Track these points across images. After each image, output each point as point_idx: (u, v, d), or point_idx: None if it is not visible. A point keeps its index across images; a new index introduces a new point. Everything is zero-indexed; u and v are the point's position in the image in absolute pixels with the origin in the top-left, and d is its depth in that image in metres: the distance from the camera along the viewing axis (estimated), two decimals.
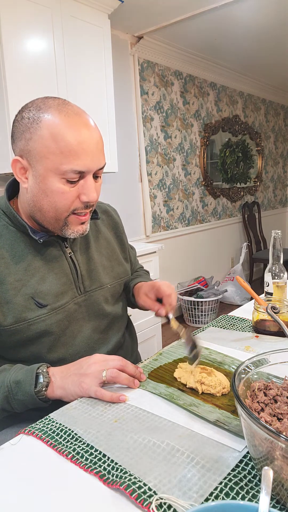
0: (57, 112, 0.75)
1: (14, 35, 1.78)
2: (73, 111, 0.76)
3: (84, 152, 0.75)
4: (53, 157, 0.74)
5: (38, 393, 0.73)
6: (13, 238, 0.84)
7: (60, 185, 0.77)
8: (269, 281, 1.14)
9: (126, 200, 2.99)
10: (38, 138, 0.74)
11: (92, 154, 0.76)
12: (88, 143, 0.75)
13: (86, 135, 0.75)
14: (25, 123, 0.76)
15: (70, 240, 0.92)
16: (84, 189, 0.79)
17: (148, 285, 1.01)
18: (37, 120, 0.74)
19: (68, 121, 0.74)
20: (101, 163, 0.80)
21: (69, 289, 0.89)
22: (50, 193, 0.78)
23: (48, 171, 0.76)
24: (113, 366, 0.75)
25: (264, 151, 4.79)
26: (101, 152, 0.79)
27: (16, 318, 0.81)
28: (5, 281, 0.81)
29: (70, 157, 0.74)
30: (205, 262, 3.99)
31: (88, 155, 0.76)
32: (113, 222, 1.07)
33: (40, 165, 0.76)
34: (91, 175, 0.79)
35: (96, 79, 2.21)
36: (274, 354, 0.64)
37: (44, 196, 0.78)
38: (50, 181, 0.76)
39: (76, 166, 0.75)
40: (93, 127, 0.78)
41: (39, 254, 0.86)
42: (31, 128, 0.75)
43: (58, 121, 0.74)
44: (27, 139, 0.75)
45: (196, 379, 0.74)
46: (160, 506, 0.48)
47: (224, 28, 2.83)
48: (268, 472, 0.41)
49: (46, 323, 0.84)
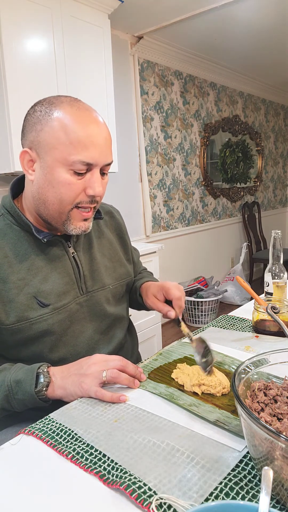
0: (69, 106, 0.77)
1: (14, 35, 1.78)
2: (84, 107, 0.79)
3: (93, 144, 0.77)
4: (62, 148, 0.76)
5: (38, 393, 0.73)
6: (16, 237, 0.85)
7: (67, 176, 0.78)
8: (269, 281, 1.14)
9: (126, 200, 2.99)
10: (49, 129, 0.76)
11: (101, 148, 0.78)
12: (97, 137, 0.77)
13: (96, 130, 0.78)
14: (37, 115, 0.78)
15: (73, 240, 0.92)
16: (91, 183, 0.79)
17: (156, 286, 0.99)
18: (49, 112, 0.77)
19: (79, 115, 0.77)
20: (108, 159, 0.81)
21: (72, 289, 0.89)
22: (56, 184, 0.78)
23: (56, 161, 0.77)
24: (113, 366, 0.75)
25: (264, 151, 4.80)
26: (109, 149, 0.81)
27: (18, 317, 0.81)
28: (8, 280, 0.81)
29: (79, 148, 0.76)
30: (205, 262, 3.99)
31: (97, 148, 0.77)
32: (116, 223, 1.07)
33: (49, 156, 0.77)
34: (98, 169, 0.80)
35: (96, 79, 2.21)
36: (274, 354, 0.64)
37: (50, 187, 0.79)
38: (57, 171, 0.77)
39: (85, 157, 0.76)
40: (102, 123, 0.81)
41: (42, 254, 0.86)
42: (43, 120, 0.77)
43: (69, 115, 0.76)
44: (38, 131, 0.77)
45: (193, 383, 0.74)
46: (160, 506, 0.48)
47: (224, 28, 2.83)
48: (268, 472, 0.41)
49: (48, 323, 0.84)
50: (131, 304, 1.15)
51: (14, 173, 1.93)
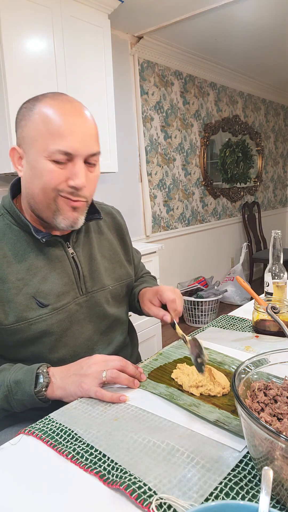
0: (51, 99, 0.78)
1: (14, 35, 1.78)
2: (67, 99, 0.79)
3: (72, 133, 0.76)
4: (42, 139, 0.76)
5: (38, 393, 0.73)
6: (16, 237, 0.84)
7: (49, 165, 0.77)
8: (269, 281, 1.14)
9: (126, 200, 2.99)
10: (31, 123, 0.77)
11: (81, 137, 0.77)
12: (77, 126, 0.77)
13: (76, 120, 0.78)
14: (22, 112, 0.80)
15: (73, 241, 0.91)
16: (72, 174, 0.78)
17: (151, 291, 0.98)
18: (32, 107, 0.78)
19: (59, 106, 0.77)
20: (91, 149, 0.79)
21: (71, 290, 0.89)
22: (40, 174, 0.78)
23: (38, 154, 0.77)
24: (113, 366, 0.75)
25: (264, 151, 4.79)
26: (92, 138, 0.80)
27: (17, 317, 0.81)
28: (7, 280, 0.81)
29: (57, 138, 0.76)
30: (205, 262, 3.99)
31: (76, 137, 0.77)
32: (116, 224, 1.07)
33: (32, 149, 0.78)
34: (80, 160, 0.79)
35: (96, 79, 2.21)
36: (274, 354, 0.64)
37: (35, 178, 0.79)
38: (40, 163, 0.78)
39: (63, 146, 0.76)
40: (85, 114, 0.80)
41: (41, 254, 0.86)
42: (27, 115, 0.78)
43: (50, 107, 0.77)
44: (23, 127, 0.79)
45: (190, 384, 0.73)
46: (160, 506, 0.48)
47: (224, 28, 2.83)
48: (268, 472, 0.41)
49: (47, 323, 0.84)
50: (130, 310, 1.15)
51: (14, 173, 1.93)
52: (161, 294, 0.93)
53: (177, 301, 0.92)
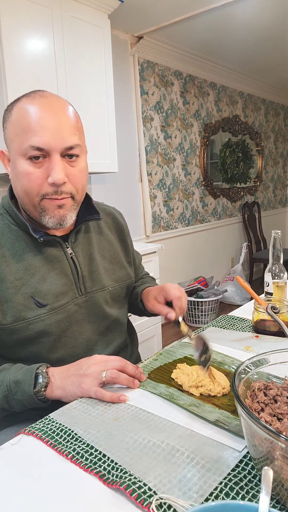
0: (25, 98, 0.79)
1: (14, 35, 1.78)
2: (40, 95, 0.79)
3: (43, 128, 0.75)
4: (17, 138, 0.77)
5: (37, 393, 0.72)
6: (14, 237, 0.84)
7: (26, 166, 0.77)
8: (269, 281, 1.14)
9: (126, 200, 2.99)
10: (9, 124, 0.79)
11: (54, 131, 0.76)
12: (48, 120, 0.76)
13: (47, 113, 0.76)
14: (5, 115, 0.81)
15: (71, 241, 0.91)
16: (49, 170, 0.77)
17: (156, 288, 0.99)
18: (11, 109, 0.79)
19: (32, 103, 0.77)
20: (66, 142, 0.77)
21: (70, 290, 0.88)
22: (20, 176, 0.78)
23: (15, 153, 0.78)
24: (113, 366, 0.75)
25: (264, 151, 4.79)
26: (66, 131, 0.77)
27: (15, 317, 0.81)
28: (6, 279, 0.81)
29: (29, 134, 0.75)
30: (205, 262, 3.99)
31: (48, 131, 0.76)
32: (117, 225, 1.06)
33: (11, 149, 0.79)
34: (56, 155, 0.77)
35: (96, 79, 2.21)
36: (274, 354, 0.64)
37: (17, 180, 0.80)
38: (18, 164, 0.78)
39: (35, 142, 0.75)
40: (59, 107, 0.78)
41: (40, 254, 0.86)
42: (7, 117, 0.80)
43: (23, 105, 0.77)
44: (5, 129, 0.80)
45: (190, 384, 0.74)
46: (160, 506, 0.48)
47: (224, 28, 2.83)
48: (268, 472, 0.41)
49: (45, 323, 0.83)
50: (132, 310, 1.15)
51: None
52: (167, 291, 0.93)
53: (182, 299, 0.92)
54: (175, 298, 0.92)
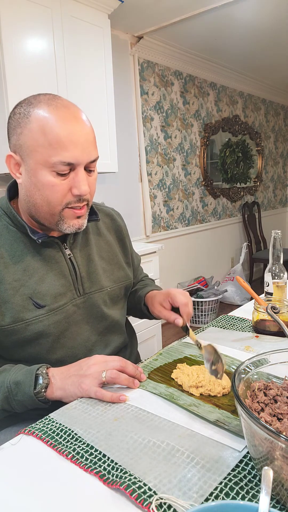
0: (46, 105, 0.75)
1: (14, 35, 1.78)
2: (62, 104, 0.77)
3: (73, 143, 0.75)
4: (42, 150, 0.75)
5: (37, 394, 0.72)
6: (12, 238, 0.84)
7: (50, 178, 0.76)
8: (269, 281, 1.14)
9: (126, 200, 2.99)
10: (28, 132, 0.75)
11: (82, 146, 0.76)
12: (77, 135, 0.75)
13: (75, 127, 0.76)
14: (16, 118, 0.77)
15: (69, 242, 0.91)
16: (75, 182, 0.78)
17: (162, 294, 0.98)
18: (27, 114, 0.76)
19: (57, 114, 0.75)
20: (91, 156, 0.79)
21: (68, 291, 0.88)
22: (41, 187, 0.77)
23: (38, 164, 0.76)
24: (113, 367, 0.75)
25: (264, 151, 4.79)
26: (91, 145, 0.79)
27: (14, 318, 0.81)
28: (4, 280, 0.81)
29: (58, 149, 0.74)
30: (205, 262, 3.99)
31: (77, 146, 0.75)
32: (116, 225, 1.06)
33: (30, 158, 0.76)
34: (82, 168, 0.78)
35: (96, 79, 2.20)
36: (274, 354, 0.64)
37: (36, 190, 0.78)
38: (40, 174, 0.77)
39: (65, 157, 0.75)
40: (82, 119, 0.78)
41: (38, 255, 0.86)
42: (22, 122, 0.76)
43: (47, 114, 0.74)
44: (18, 134, 0.77)
45: (190, 384, 0.74)
46: (160, 506, 0.48)
47: (224, 28, 2.83)
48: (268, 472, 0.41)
49: (43, 324, 0.83)
50: (134, 313, 1.14)
51: None
52: (173, 297, 0.93)
53: (189, 305, 0.92)
54: (182, 304, 0.91)
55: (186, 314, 0.91)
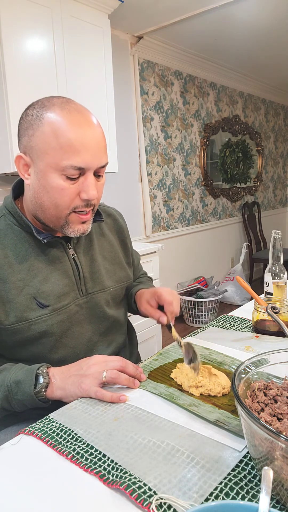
0: (59, 109, 0.75)
1: (14, 35, 1.78)
2: (75, 108, 0.77)
3: (84, 148, 0.75)
4: (54, 153, 0.75)
5: (37, 393, 0.73)
6: (17, 238, 0.85)
7: (60, 182, 0.77)
8: (269, 281, 1.14)
9: (126, 200, 2.99)
10: (40, 134, 0.75)
11: (93, 151, 0.76)
12: (88, 140, 0.76)
13: (87, 132, 0.76)
14: (29, 119, 0.77)
15: (73, 242, 0.91)
16: (84, 187, 0.78)
17: (149, 292, 0.99)
18: (40, 117, 0.75)
19: (70, 118, 0.75)
20: (102, 161, 0.79)
21: (71, 291, 0.89)
22: (50, 189, 0.78)
23: (48, 167, 0.76)
24: (113, 367, 0.75)
25: (264, 151, 4.79)
26: (102, 150, 0.79)
27: (17, 318, 0.81)
28: (8, 280, 0.81)
29: (70, 153, 0.74)
30: (205, 262, 3.99)
31: (88, 151, 0.76)
32: (117, 226, 1.07)
33: (41, 161, 0.76)
34: (91, 173, 0.79)
35: (96, 79, 2.20)
36: (274, 354, 0.64)
37: (45, 192, 0.78)
38: (50, 177, 0.77)
39: (76, 162, 0.75)
40: (95, 125, 0.78)
41: (42, 255, 0.86)
42: (34, 124, 0.76)
43: (60, 118, 0.74)
44: (30, 136, 0.77)
45: (190, 384, 0.74)
46: (160, 506, 0.48)
47: (224, 28, 2.83)
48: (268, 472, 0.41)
49: (47, 324, 0.84)
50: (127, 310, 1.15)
51: (14, 173, 1.93)
52: (159, 295, 0.94)
53: (174, 303, 0.92)
54: (167, 302, 0.92)
55: (170, 312, 0.91)
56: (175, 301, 0.93)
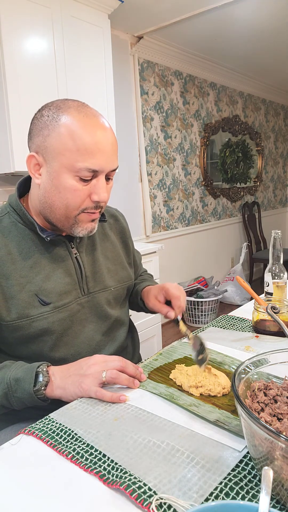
0: (76, 112, 0.77)
1: (14, 35, 1.78)
2: (91, 112, 0.79)
3: (100, 151, 0.77)
4: (69, 154, 0.76)
5: (37, 392, 0.73)
6: (21, 235, 0.85)
7: (73, 182, 0.78)
8: (269, 281, 1.14)
9: (126, 200, 2.99)
10: (56, 135, 0.76)
11: (107, 154, 0.78)
12: (104, 143, 0.78)
13: (103, 136, 0.78)
14: (44, 120, 0.78)
15: (76, 241, 0.92)
16: (96, 189, 0.80)
17: (157, 287, 1.01)
18: (56, 118, 0.77)
19: (86, 122, 0.77)
20: (114, 165, 0.81)
21: (73, 289, 0.89)
22: (63, 190, 0.79)
23: (63, 167, 0.77)
24: (113, 367, 0.75)
25: (264, 151, 4.79)
26: (115, 154, 0.81)
27: (19, 314, 0.82)
28: (11, 276, 0.82)
29: (86, 155, 0.76)
30: (205, 262, 3.99)
31: (103, 155, 0.78)
32: (120, 226, 1.08)
33: (55, 161, 0.78)
34: (103, 175, 0.81)
35: (96, 79, 2.20)
36: (274, 354, 0.64)
37: (57, 192, 0.80)
38: (63, 177, 0.78)
39: (91, 164, 0.77)
40: (109, 129, 0.80)
41: (45, 252, 0.87)
42: (50, 125, 0.77)
43: (77, 121, 0.76)
44: (45, 136, 0.78)
45: (190, 384, 0.74)
46: (160, 506, 0.48)
47: (224, 28, 2.83)
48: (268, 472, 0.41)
49: (48, 321, 0.84)
50: (132, 307, 1.16)
51: (14, 173, 1.93)
52: (167, 290, 0.96)
53: (181, 298, 0.94)
54: (174, 297, 0.94)
55: (178, 306, 0.93)
56: (182, 296, 0.95)
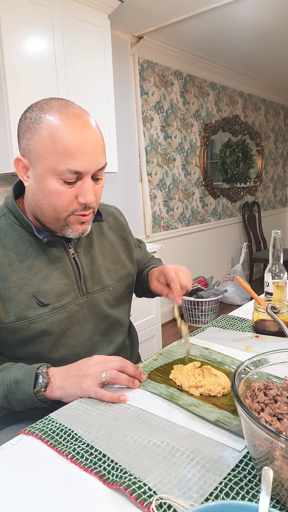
0: (57, 113, 0.75)
1: (14, 35, 1.78)
2: (73, 112, 0.77)
3: (81, 153, 0.75)
4: (51, 157, 0.75)
5: (37, 393, 0.73)
6: (18, 237, 0.85)
7: (57, 185, 0.77)
8: (269, 281, 1.14)
9: (126, 200, 2.99)
10: (38, 138, 0.75)
11: (90, 155, 0.76)
12: (86, 144, 0.75)
13: (85, 136, 0.75)
14: (27, 123, 0.77)
15: (74, 241, 0.92)
16: (82, 191, 0.78)
17: (158, 270, 1.03)
18: (38, 120, 0.75)
19: (67, 122, 0.75)
20: (99, 164, 0.79)
21: (71, 290, 0.89)
22: (48, 193, 0.78)
23: (46, 171, 0.76)
24: (113, 367, 0.75)
25: (264, 151, 4.79)
26: (100, 153, 0.79)
27: (17, 316, 0.81)
28: (9, 278, 0.82)
29: (66, 158, 0.74)
30: (205, 262, 3.99)
31: (85, 156, 0.76)
32: (118, 224, 1.07)
33: (39, 164, 0.77)
34: (89, 177, 0.79)
35: (96, 79, 2.20)
36: (274, 354, 0.64)
37: (43, 195, 0.79)
38: (48, 180, 0.77)
39: (72, 166, 0.75)
40: (93, 127, 0.78)
41: (43, 254, 0.86)
42: (32, 128, 0.76)
43: (58, 122, 0.74)
44: (28, 139, 0.77)
45: (190, 384, 0.74)
46: (160, 506, 0.48)
47: (224, 28, 2.83)
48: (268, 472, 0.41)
49: (46, 322, 0.84)
50: (141, 293, 1.18)
51: (14, 173, 1.93)
52: (166, 273, 0.97)
53: (182, 278, 0.95)
54: (172, 281, 0.95)
55: (175, 290, 0.94)
56: (183, 276, 0.95)
